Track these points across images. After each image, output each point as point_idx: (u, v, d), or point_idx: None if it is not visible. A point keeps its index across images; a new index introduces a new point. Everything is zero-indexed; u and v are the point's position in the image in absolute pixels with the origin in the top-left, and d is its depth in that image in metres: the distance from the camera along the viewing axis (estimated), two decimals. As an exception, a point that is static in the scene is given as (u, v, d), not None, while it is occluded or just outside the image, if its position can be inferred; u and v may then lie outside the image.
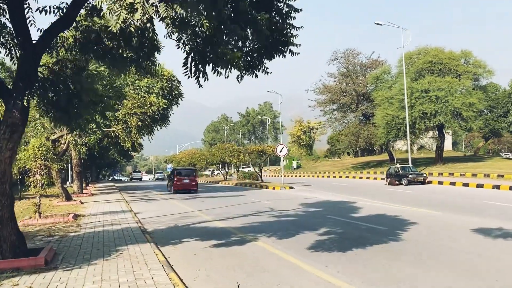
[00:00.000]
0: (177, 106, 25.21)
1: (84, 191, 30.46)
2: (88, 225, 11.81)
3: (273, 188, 30.18)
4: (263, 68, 7.42)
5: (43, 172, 12.79)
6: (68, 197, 19.04)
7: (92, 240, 9.42)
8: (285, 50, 7.30)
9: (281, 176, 58.69)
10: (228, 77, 6.94)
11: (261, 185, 33.22)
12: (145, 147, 49.21)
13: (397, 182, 28.92)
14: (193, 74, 7.03)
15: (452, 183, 26.52)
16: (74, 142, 18.12)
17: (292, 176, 56.56)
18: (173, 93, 24.30)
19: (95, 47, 7.37)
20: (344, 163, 66.03)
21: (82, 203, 19.09)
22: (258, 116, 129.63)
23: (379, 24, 35.24)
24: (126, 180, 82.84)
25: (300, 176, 56.01)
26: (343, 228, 11.02)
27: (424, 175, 29.11)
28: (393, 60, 43.56)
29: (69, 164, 34.44)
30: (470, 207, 15.07)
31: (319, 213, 14.66)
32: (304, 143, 71.52)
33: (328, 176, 47.02)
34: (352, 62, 48.22)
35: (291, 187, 30.19)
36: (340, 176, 44.44)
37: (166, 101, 23.05)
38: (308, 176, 52.33)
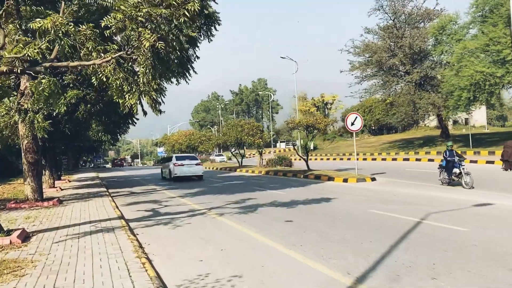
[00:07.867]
0: (210, 40, 13.98)
1: (50, 191, 19.31)
2: None
3: (345, 181, 19.59)
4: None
5: None
6: (-9, 228, 7.99)
7: None
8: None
9: (309, 159, 48.34)
10: None
11: (315, 175, 22.54)
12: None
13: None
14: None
15: None
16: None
17: (316, 159, 46.06)
18: (202, 16, 13.19)
19: None
20: (372, 143, 55.78)
21: (24, 240, 8.13)
22: (252, 93, 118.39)
23: None
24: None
25: (327, 159, 45.50)
26: None
27: None
28: (456, 8, 32.58)
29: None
30: None
31: None
32: (319, 120, 60.76)
33: (374, 159, 36.52)
34: (401, 11, 37.33)
35: (373, 179, 19.69)
36: (394, 159, 33.94)
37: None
38: (341, 159, 41.89)
